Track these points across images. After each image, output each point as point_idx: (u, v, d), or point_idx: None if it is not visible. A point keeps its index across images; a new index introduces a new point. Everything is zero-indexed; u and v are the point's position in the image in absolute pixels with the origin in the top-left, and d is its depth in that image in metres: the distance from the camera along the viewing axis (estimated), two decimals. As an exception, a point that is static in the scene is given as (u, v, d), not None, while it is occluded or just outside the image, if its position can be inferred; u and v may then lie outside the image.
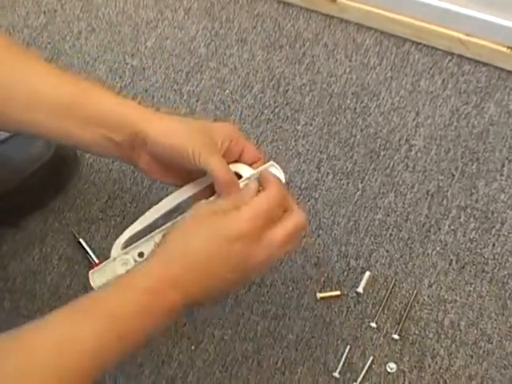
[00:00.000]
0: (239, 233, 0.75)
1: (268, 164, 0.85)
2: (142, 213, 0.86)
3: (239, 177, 0.84)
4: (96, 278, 0.84)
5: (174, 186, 0.87)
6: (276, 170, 0.85)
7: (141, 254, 0.82)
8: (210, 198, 0.82)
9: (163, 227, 0.83)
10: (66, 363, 0.67)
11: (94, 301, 0.73)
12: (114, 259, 0.83)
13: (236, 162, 0.85)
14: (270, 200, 0.78)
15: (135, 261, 0.83)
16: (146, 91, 1.26)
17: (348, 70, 1.22)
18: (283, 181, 0.84)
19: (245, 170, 0.85)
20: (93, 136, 0.82)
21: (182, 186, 0.86)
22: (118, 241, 0.84)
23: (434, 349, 1.03)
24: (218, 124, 0.86)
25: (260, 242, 0.76)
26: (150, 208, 0.85)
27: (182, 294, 0.73)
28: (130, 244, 0.84)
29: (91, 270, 0.85)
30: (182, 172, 0.84)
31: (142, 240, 0.83)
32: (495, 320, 1.04)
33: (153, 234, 0.83)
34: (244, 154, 0.85)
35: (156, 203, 0.85)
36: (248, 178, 0.84)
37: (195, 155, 0.79)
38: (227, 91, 1.24)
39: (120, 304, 0.72)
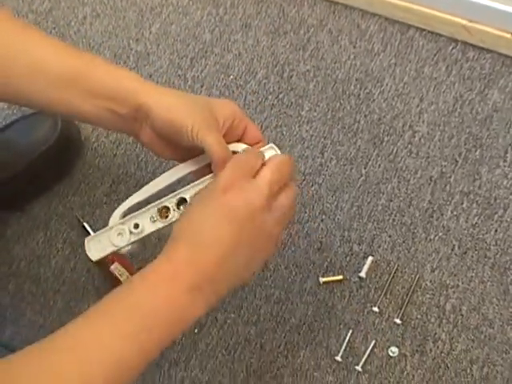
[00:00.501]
0: (252, 210, 0.74)
1: (267, 146, 0.84)
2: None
3: None
4: (91, 245, 0.84)
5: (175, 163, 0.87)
6: (274, 152, 0.84)
7: (136, 226, 0.82)
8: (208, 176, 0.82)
9: (159, 201, 0.83)
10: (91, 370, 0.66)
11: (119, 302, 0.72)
12: (111, 228, 0.83)
13: (237, 142, 0.85)
14: (276, 170, 0.76)
15: (130, 232, 0.82)
16: (151, 76, 1.26)
17: (352, 56, 1.23)
18: None
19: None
20: (95, 108, 0.82)
21: (182, 162, 0.86)
22: (116, 211, 0.85)
23: (435, 333, 1.04)
24: (221, 101, 0.85)
25: (271, 213, 0.75)
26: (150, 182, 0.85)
27: (201, 276, 0.72)
28: (128, 215, 0.84)
29: (87, 238, 0.85)
30: (183, 148, 0.83)
31: (139, 212, 0.83)
32: (497, 305, 1.04)
33: (149, 206, 0.83)
34: (246, 135, 0.85)
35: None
36: None
37: (193, 131, 0.78)
38: (231, 77, 1.24)
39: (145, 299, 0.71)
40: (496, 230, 1.09)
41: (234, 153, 0.82)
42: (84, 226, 1.15)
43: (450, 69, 1.20)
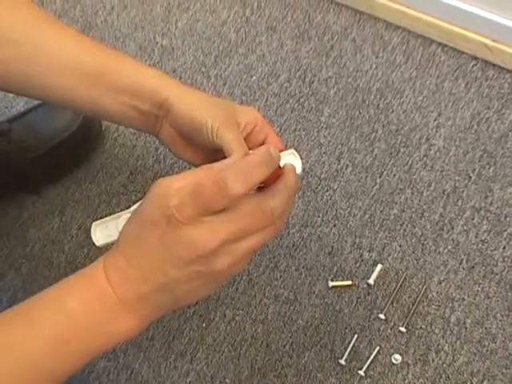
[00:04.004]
0: (194, 256, 0.64)
1: (287, 152, 0.83)
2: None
3: None
4: (98, 230, 0.82)
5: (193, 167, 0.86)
6: (294, 158, 0.83)
7: None
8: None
9: None
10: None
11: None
12: (119, 216, 0.82)
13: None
14: (249, 217, 0.66)
15: None
16: (174, 71, 1.28)
17: (374, 66, 1.25)
18: (299, 170, 0.82)
19: None
20: (119, 105, 0.81)
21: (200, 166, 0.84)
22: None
23: (438, 344, 1.06)
24: (243, 107, 0.83)
25: (222, 258, 0.65)
26: None
27: (133, 294, 0.67)
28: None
29: (95, 222, 0.84)
30: (203, 149, 0.81)
31: None
32: (500, 321, 1.07)
33: None
34: (266, 142, 0.82)
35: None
36: None
37: (213, 129, 0.75)
38: (254, 78, 1.26)
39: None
40: (504, 247, 1.11)
41: None
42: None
43: (469, 86, 1.22)
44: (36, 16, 0.84)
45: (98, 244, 0.83)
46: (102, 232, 0.83)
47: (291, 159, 0.83)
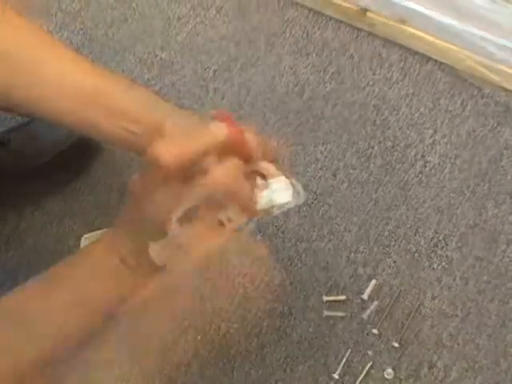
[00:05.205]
0: None
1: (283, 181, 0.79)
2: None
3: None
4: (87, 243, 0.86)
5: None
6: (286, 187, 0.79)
7: None
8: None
9: None
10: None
11: None
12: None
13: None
14: None
15: None
16: (173, 85, 1.29)
17: (371, 82, 1.26)
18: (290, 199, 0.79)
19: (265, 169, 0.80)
20: (112, 127, 0.81)
21: None
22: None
23: (431, 360, 1.07)
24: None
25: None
26: None
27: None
28: None
29: (84, 235, 0.85)
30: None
31: None
32: (492, 337, 1.07)
33: None
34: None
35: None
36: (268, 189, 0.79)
37: None
38: (252, 92, 1.27)
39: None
40: (498, 265, 1.12)
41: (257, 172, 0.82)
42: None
43: (465, 103, 1.23)
44: (34, 36, 0.83)
45: None
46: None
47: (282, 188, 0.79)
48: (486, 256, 1.12)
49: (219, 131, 0.71)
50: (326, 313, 1.10)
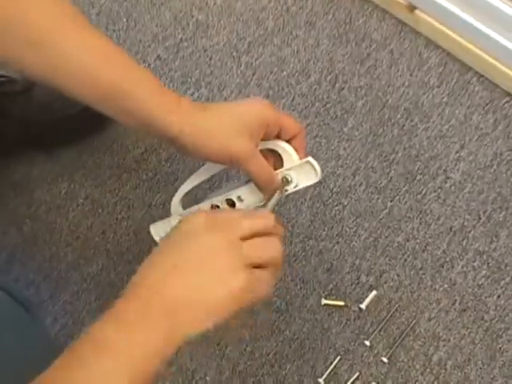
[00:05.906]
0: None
1: (305, 160, 0.87)
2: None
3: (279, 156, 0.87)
4: (158, 229, 0.95)
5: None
6: (310, 169, 0.87)
7: None
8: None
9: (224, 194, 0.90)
10: None
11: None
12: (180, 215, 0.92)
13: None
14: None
15: None
16: (205, 51, 1.25)
17: (407, 83, 1.22)
18: (317, 178, 0.88)
19: (284, 151, 0.87)
20: (130, 122, 0.83)
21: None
22: (174, 199, 0.92)
23: (416, 380, 1.09)
24: (249, 107, 0.84)
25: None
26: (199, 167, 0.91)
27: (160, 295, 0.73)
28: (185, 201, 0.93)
29: (152, 224, 0.94)
30: None
31: (203, 202, 0.92)
32: (480, 368, 1.09)
33: (210, 196, 0.91)
34: (282, 131, 0.86)
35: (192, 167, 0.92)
36: (288, 170, 0.87)
37: (233, 163, 0.82)
38: (284, 73, 1.24)
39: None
40: (499, 296, 1.12)
41: (273, 151, 0.87)
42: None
43: (497, 123, 1.20)
44: (63, 14, 0.80)
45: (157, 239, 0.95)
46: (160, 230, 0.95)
47: (307, 170, 0.87)
48: (488, 285, 1.13)
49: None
50: (321, 315, 1.11)
